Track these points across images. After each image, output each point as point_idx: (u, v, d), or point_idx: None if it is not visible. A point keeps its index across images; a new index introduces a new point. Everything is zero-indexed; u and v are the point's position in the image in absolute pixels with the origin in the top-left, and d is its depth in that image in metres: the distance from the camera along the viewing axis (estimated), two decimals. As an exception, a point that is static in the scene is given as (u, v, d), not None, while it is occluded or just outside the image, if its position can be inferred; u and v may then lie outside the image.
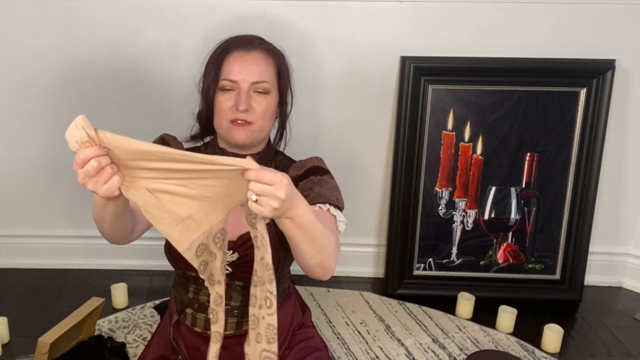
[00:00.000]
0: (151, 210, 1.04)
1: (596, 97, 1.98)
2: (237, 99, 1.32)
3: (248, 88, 1.33)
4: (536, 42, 1.96)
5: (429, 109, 2.00)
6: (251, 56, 1.35)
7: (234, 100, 1.33)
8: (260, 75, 1.34)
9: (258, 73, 1.34)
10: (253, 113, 1.33)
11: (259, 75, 1.34)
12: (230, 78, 1.33)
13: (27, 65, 1.99)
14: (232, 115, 1.32)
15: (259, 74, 1.34)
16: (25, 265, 2.21)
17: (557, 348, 1.87)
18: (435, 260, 2.12)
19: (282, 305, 1.52)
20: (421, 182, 2.06)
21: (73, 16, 1.92)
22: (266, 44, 1.41)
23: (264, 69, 1.35)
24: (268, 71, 1.36)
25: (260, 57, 1.36)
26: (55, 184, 2.14)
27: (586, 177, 2.04)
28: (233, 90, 1.34)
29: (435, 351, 1.84)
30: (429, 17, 1.94)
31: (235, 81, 1.33)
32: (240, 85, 1.33)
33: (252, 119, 1.33)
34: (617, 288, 2.25)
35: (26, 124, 2.07)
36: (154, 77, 1.99)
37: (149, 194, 1.03)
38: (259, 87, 1.34)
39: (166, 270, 1.90)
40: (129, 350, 1.77)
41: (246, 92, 1.32)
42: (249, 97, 1.33)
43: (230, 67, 1.34)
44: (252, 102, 1.33)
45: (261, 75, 1.34)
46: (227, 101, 1.33)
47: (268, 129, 1.39)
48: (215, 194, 1.07)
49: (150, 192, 1.03)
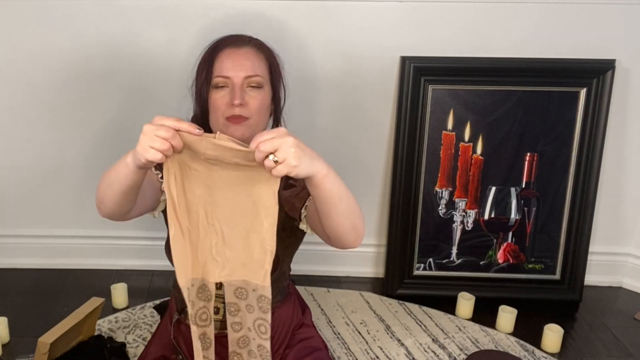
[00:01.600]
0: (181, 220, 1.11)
1: (596, 97, 1.98)
2: (232, 94, 1.32)
3: (241, 83, 1.33)
4: (536, 42, 1.96)
5: (429, 109, 2.00)
6: (242, 51, 1.36)
7: (229, 96, 1.33)
8: (252, 70, 1.34)
9: (250, 67, 1.34)
10: (248, 108, 1.33)
11: (252, 70, 1.34)
12: (223, 74, 1.34)
13: (27, 65, 1.99)
14: (228, 111, 1.33)
15: (251, 68, 1.34)
16: (25, 265, 2.21)
17: (557, 348, 1.87)
18: (435, 260, 2.12)
19: (282, 304, 1.52)
20: (421, 182, 2.06)
21: (73, 16, 1.92)
22: (256, 40, 1.42)
23: (256, 63, 1.36)
24: (260, 66, 1.37)
25: (252, 52, 1.37)
26: (56, 184, 2.14)
27: (586, 177, 2.04)
28: (227, 86, 1.34)
29: (435, 351, 1.84)
30: (429, 17, 1.94)
31: (229, 77, 1.33)
32: (234, 81, 1.33)
33: (247, 113, 1.33)
34: (617, 288, 2.25)
35: (26, 124, 2.07)
36: (154, 76, 1.99)
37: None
38: (252, 81, 1.34)
39: (166, 270, 1.90)
40: (129, 350, 1.77)
41: (240, 87, 1.33)
42: (243, 91, 1.33)
43: (222, 64, 1.35)
44: (246, 97, 1.33)
45: (254, 69, 1.35)
46: (221, 98, 1.34)
47: (264, 124, 1.40)
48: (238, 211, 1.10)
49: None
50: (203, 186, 1.09)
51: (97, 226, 2.20)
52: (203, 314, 1.19)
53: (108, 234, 2.20)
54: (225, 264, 1.14)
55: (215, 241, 1.13)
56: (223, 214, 1.11)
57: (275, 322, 1.49)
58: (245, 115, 1.33)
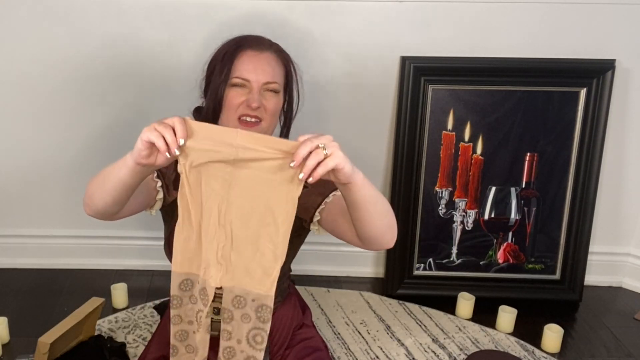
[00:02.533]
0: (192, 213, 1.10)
1: (596, 97, 1.98)
2: (250, 97, 1.33)
3: (260, 87, 1.34)
4: (536, 42, 1.96)
5: (429, 109, 2.00)
6: (264, 56, 1.37)
7: (245, 97, 1.34)
8: (272, 76, 1.35)
9: (270, 74, 1.35)
10: (264, 111, 1.34)
11: (271, 76, 1.35)
12: (244, 77, 1.34)
13: (27, 65, 1.99)
14: (242, 110, 1.34)
15: (271, 74, 1.35)
16: (25, 265, 2.21)
17: (557, 348, 1.87)
18: (435, 260, 2.12)
19: (282, 304, 1.52)
20: (421, 182, 2.06)
21: (73, 16, 1.92)
22: (276, 46, 1.43)
23: (276, 70, 1.37)
24: (279, 72, 1.38)
25: (272, 57, 1.38)
26: (56, 184, 2.14)
27: (586, 177, 2.04)
28: (244, 87, 1.35)
29: (435, 351, 1.84)
30: (429, 17, 1.94)
31: (249, 80, 1.34)
32: (253, 85, 1.34)
33: (262, 116, 1.34)
34: (617, 288, 2.25)
35: (26, 124, 2.07)
36: (154, 76, 1.99)
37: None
38: (270, 87, 1.35)
39: (166, 270, 1.88)
40: (129, 350, 1.77)
41: (258, 91, 1.34)
42: (261, 95, 1.34)
43: (243, 65, 1.35)
44: (263, 101, 1.35)
45: (273, 76, 1.36)
46: (237, 97, 1.34)
47: (273, 128, 1.41)
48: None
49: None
50: (221, 181, 1.07)
51: (97, 226, 2.19)
52: (200, 317, 1.18)
53: (108, 234, 2.20)
54: (228, 268, 1.13)
55: (222, 244, 1.12)
56: (237, 216, 1.10)
57: (275, 323, 1.49)
58: (260, 116, 1.34)
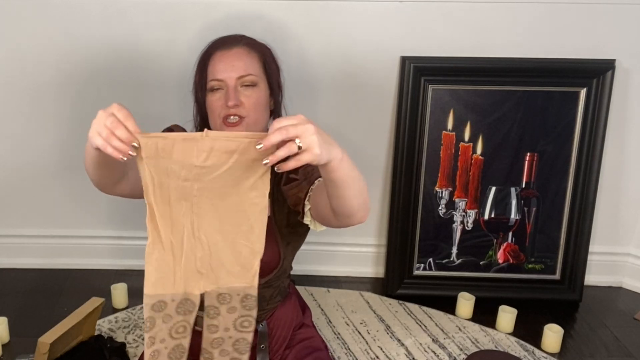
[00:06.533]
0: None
1: (596, 97, 1.98)
2: (226, 96, 1.34)
3: (235, 84, 1.34)
4: (536, 42, 1.96)
5: (429, 109, 2.00)
6: (233, 52, 1.37)
7: (224, 98, 1.34)
8: (244, 70, 1.35)
9: (242, 68, 1.35)
10: (244, 107, 1.34)
11: (244, 70, 1.35)
12: (217, 77, 1.36)
13: (27, 65, 1.99)
14: (224, 112, 1.34)
15: (243, 68, 1.35)
16: (25, 265, 2.21)
17: (557, 348, 1.87)
18: (435, 260, 2.12)
19: (282, 304, 1.52)
20: (421, 182, 2.06)
21: (74, 16, 1.92)
22: (247, 39, 1.43)
23: (247, 62, 1.37)
24: (252, 64, 1.38)
25: (243, 51, 1.38)
26: (56, 184, 2.14)
27: (586, 177, 2.04)
28: (222, 89, 1.36)
29: (435, 351, 1.84)
30: (429, 17, 1.94)
31: (222, 79, 1.35)
32: (227, 82, 1.35)
33: (243, 113, 1.34)
34: (617, 288, 2.25)
35: (26, 124, 2.07)
36: (154, 77, 1.99)
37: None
38: (245, 80, 1.35)
39: (166, 270, 1.89)
40: (129, 350, 1.77)
41: (234, 88, 1.34)
42: (237, 92, 1.34)
43: (214, 67, 1.37)
44: (241, 97, 1.34)
45: (245, 69, 1.36)
46: (217, 100, 1.36)
47: (263, 120, 1.40)
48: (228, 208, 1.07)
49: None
50: (190, 197, 1.06)
51: (97, 226, 2.21)
52: (180, 327, 1.15)
53: (108, 234, 2.20)
54: (209, 275, 1.12)
55: (200, 255, 1.10)
56: (210, 225, 1.09)
57: (275, 322, 1.50)
58: (241, 114, 1.34)
